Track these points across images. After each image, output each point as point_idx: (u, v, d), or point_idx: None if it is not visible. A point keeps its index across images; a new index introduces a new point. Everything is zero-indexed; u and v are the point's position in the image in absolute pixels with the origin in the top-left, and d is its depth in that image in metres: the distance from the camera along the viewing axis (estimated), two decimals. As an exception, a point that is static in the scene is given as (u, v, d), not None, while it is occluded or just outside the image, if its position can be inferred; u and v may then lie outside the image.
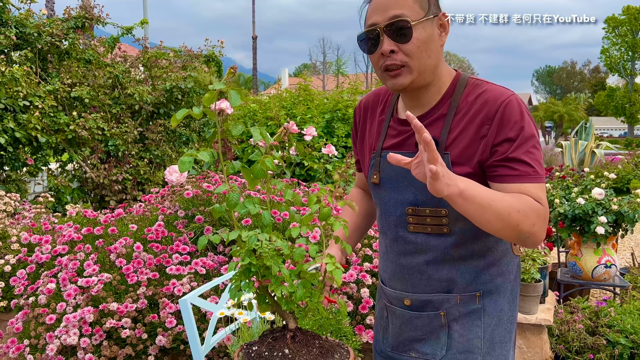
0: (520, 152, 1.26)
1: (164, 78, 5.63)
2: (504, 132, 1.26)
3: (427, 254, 1.39)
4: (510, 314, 1.45)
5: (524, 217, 1.20)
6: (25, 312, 2.73)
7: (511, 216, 1.18)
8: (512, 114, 1.27)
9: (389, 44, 1.28)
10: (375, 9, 1.31)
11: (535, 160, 1.27)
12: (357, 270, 2.68)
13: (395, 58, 1.29)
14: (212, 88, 1.24)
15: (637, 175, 11.09)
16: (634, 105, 37.38)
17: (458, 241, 1.36)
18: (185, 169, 1.23)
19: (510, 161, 1.25)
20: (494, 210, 1.17)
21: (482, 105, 1.30)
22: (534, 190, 1.25)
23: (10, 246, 3.23)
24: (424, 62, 1.30)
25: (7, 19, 4.92)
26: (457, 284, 1.39)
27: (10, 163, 4.56)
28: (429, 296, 1.41)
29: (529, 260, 2.59)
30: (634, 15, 36.57)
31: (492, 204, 1.17)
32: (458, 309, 1.39)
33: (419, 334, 1.44)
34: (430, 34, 1.30)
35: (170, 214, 3.19)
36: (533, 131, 1.29)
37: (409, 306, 1.45)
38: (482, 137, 1.28)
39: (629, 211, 3.10)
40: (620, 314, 2.69)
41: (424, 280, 1.41)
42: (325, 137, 4.93)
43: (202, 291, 2.20)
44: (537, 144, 1.29)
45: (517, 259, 1.48)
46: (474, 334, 1.39)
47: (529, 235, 1.22)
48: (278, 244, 1.26)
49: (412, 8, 1.28)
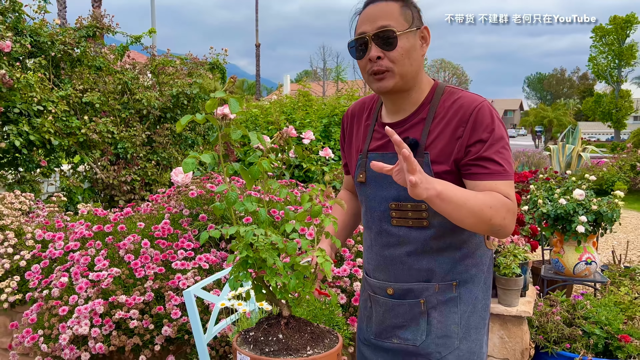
0: (491, 151, 1.39)
1: (170, 84, 5.78)
2: (477, 134, 1.39)
3: (408, 245, 1.51)
4: (484, 302, 1.57)
5: (495, 212, 1.32)
6: (40, 305, 2.84)
7: (484, 212, 1.31)
8: (484, 118, 1.41)
9: (376, 51, 1.43)
10: (365, 19, 1.46)
11: (505, 159, 1.40)
12: (350, 265, 2.82)
13: (381, 64, 1.44)
14: (214, 96, 1.40)
15: (621, 178, 11.26)
16: (620, 111, 38.03)
17: (436, 234, 1.48)
18: (189, 169, 1.37)
19: (483, 160, 1.39)
20: (468, 208, 1.29)
21: (457, 109, 1.44)
22: (504, 187, 1.38)
23: (25, 242, 3.33)
24: (407, 69, 1.45)
25: (22, 28, 5.09)
26: (435, 274, 1.51)
27: (25, 164, 4.70)
28: (410, 285, 1.53)
29: (511, 256, 2.74)
30: (620, 25, 37.35)
31: (466, 202, 1.29)
32: (436, 297, 1.51)
33: (400, 321, 1.55)
34: (412, 44, 1.45)
35: (175, 213, 3.31)
36: (503, 133, 1.42)
37: (392, 295, 1.57)
38: (458, 138, 1.41)
39: (608, 211, 3.26)
40: (595, 307, 2.84)
41: (406, 270, 1.53)
42: (322, 140, 5.08)
43: (205, 284, 2.31)
44: (506, 145, 1.43)
45: (490, 252, 1.60)
46: (451, 320, 1.51)
47: (500, 228, 1.35)
48: (273, 238, 1.37)
49: (397, 20, 1.43)
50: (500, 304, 2.80)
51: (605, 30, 38.41)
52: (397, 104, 1.54)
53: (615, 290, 3.30)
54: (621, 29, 37.85)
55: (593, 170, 11.59)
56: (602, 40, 38.79)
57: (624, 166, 11.81)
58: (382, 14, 1.43)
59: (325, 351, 1.36)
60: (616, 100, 38.73)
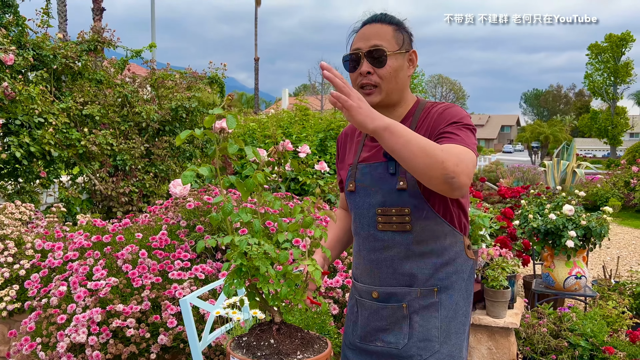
0: (455, 128, 1.49)
1: (169, 98, 5.87)
2: (445, 120, 1.52)
3: (392, 249, 1.61)
4: (465, 309, 1.65)
5: (448, 155, 1.33)
6: (38, 313, 2.89)
7: (436, 153, 1.31)
8: (453, 111, 1.55)
9: (367, 66, 1.58)
10: (361, 37, 1.61)
11: (467, 137, 1.47)
12: (342, 276, 2.89)
13: (370, 79, 1.59)
14: (212, 112, 1.48)
15: (615, 194, 11.39)
16: (615, 128, 38.50)
17: (418, 238, 1.58)
18: (187, 182, 1.45)
19: (447, 133, 1.48)
20: (419, 145, 1.31)
21: (432, 115, 1.58)
22: (459, 147, 1.42)
23: (25, 252, 3.38)
24: (393, 86, 1.60)
25: (25, 42, 5.19)
26: (417, 279, 1.59)
27: (25, 175, 4.76)
28: (393, 289, 1.62)
29: (499, 269, 2.81)
30: (615, 42, 38.03)
31: (417, 138, 1.32)
32: (418, 302, 1.59)
33: (384, 324, 1.64)
34: (400, 64, 1.60)
35: (173, 224, 3.37)
36: (470, 124, 1.53)
37: (377, 298, 1.66)
38: (429, 132, 1.53)
39: (597, 226, 3.33)
40: (581, 319, 2.90)
41: (390, 274, 1.62)
42: (318, 154, 5.16)
43: (201, 293, 2.37)
44: (470, 131, 1.51)
45: (470, 262, 1.67)
46: (432, 325, 1.59)
47: (454, 176, 1.31)
48: (266, 247, 1.45)
49: (389, 42, 1.58)
50: (488, 315, 2.86)
51: (601, 48, 38.94)
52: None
53: (604, 304, 3.36)
54: (616, 47, 38.38)
55: (587, 187, 11.72)
56: (597, 57, 39.31)
57: (617, 182, 11.94)
58: (376, 35, 1.58)
59: (315, 356, 1.42)
60: (612, 117, 39.12)
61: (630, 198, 11.75)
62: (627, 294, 3.88)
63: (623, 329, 3.12)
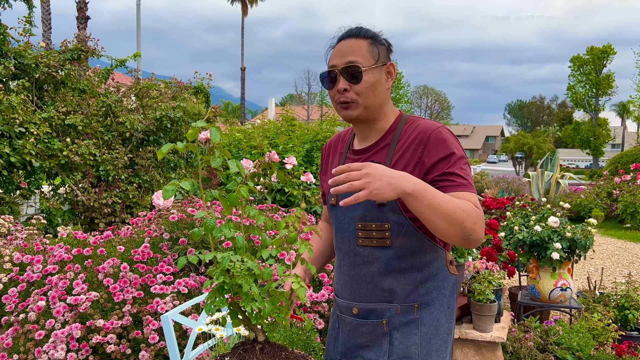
0: (455, 167, 1.49)
1: (154, 107, 5.82)
2: (438, 153, 1.50)
3: (372, 265, 1.59)
4: (447, 326, 1.63)
5: (467, 215, 1.39)
6: (15, 329, 2.79)
7: (457, 214, 1.37)
8: (443, 139, 1.52)
9: (344, 84, 1.56)
10: (336, 54, 1.59)
11: (467, 174, 1.52)
12: (328, 290, 2.85)
13: (347, 96, 1.56)
14: (195, 125, 1.45)
15: (598, 205, 11.54)
16: (598, 139, 39.31)
17: (399, 254, 1.56)
18: (168, 196, 1.41)
19: (448, 175, 1.48)
20: (441, 210, 1.35)
21: (417, 134, 1.55)
22: (470, 197, 1.47)
23: (3, 265, 3.30)
24: (371, 101, 1.58)
25: (6, 50, 5.12)
26: (397, 295, 1.57)
27: (5, 186, 4.67)
28: (373, 305, 1.60)
29: (485, 282, 2.80)
30: (597, 55, 38.98)
31: (441, 203, 1.36)
32: (398, 318, 1.57)
33: (364, 341, 1.61)
34: (377, 78, 1.57)
35: (156, 237, 3.32)
36: (462, 153, 1.54)
37: (357, 315, 1.63)
38: (418, 159, 1.52)
39: (582, 238, 3.34)
40: (568, 333, 2.90)
41: (370, 289, 1.60)
42: (305, 165, 5.14)
43: (183, 308, 2.33)
44: (467, 163, 1.55)
45: (453, 277, 1.65)
46: (412, 342, 1.56)
47: (472, 233, 1.40)
48: (249, 264, 1.43)
49: (364, 57, 1.55)
50: (474, 329, 2.84)
51: (583, 61, 39.70)
52: (364, 131, 1.66)
53: (589, 317, 3.37)
54: (598, 59, 39.17)
55: (571, 197, 11.85)
56: (580, 69, 40.07)
57: (600, 193, 12.10)
58: (351, 50, 1.56)
59: (299, 376, 1.39)
60: (594, 128, 39.82)
61: (613, 209, 11.90)
62: (612, 305, 3.89)
63: (609, 342, 3.12)
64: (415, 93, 76.88)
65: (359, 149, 1.67)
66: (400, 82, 48.69)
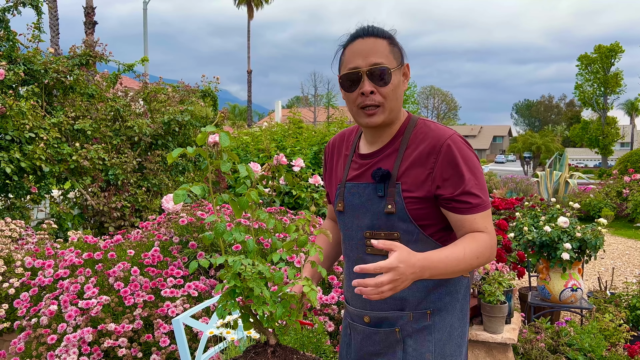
0: (471, 185, 1.45)
1: (162, 111, 5.85)
2: (451, 167, 1.45)
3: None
4: (460, 330, 1.60)
5: (483, 259, 1.46)
6: (28, 333, 2.81)
7: (472, 265, 1.45)
8: (456, 152, 1.47)
9: (370, 86, 1.47)
10: (357, 54, 1.49)
11: (482, 188, 1.48)
12: (338, 292, 2.85)
13: (374, 98, 1.48)
14: (204, 130, 1.45)
15: (608, 204, 11.45)
16: (606, 138, 39.01)
17: None
18: (179, 200, 1.41)
19: (462, 195, 1.45)
20: (459, 269, 1.43)
21: (429, 141, 1.49)
22: (481, 221, 1.46)
23: (15, 270, 3.33)
24: (394, 104, 1.51)
25: (16, 57, 5.16)
26: (408, 303, 1.54)
27: (15, 191, 4.71)
28: (385, 313, 1.57)
29: (495, 283, 2.79)
30: (604, 53, 38.66)
31: (456, 267, 1.41)
32: (411, 326, 1.54)
33: (377, 349, 1.59)
34: (399, 80, 1.52)
35: (165, 240, 3.33)
36: (475, 162, 1.50)
37: (368, 323, 1.60)
38: (430, 170, 1.47)
39: (592, 238, 3.32)
40: (579, 334, 2.88)
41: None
42: (312, 167, 5.15)
43: (194, 312, 2.33)
44: (480, 174, 1.50)
45: (465, 280, 1.62)
46: (425, 349, 1.53)
47: (485, 264, 1.52)
48: (260, 268, 1.42)
49: (388, 58, 1.48)
50: (485, 331, 2.83)
51: (591, 59, 39.46)
52: (376, 135, 1.60)
53: (600, 317, 3.34)
54: (606, 58, 38.92)
55: (580, 197, 11.77)
56: (587, 68, 39.85)
57: (610, 192, 12.01)
58: (374, 51, 1.48)
59: (311, 379, 1.39)
60: (603, 127, 39.56)
61: (622, 208, 11.81)
62: (623, 306, 3.86)
63: (621, 343, 3.10)
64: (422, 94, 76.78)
65: (366, 154, 1.62)
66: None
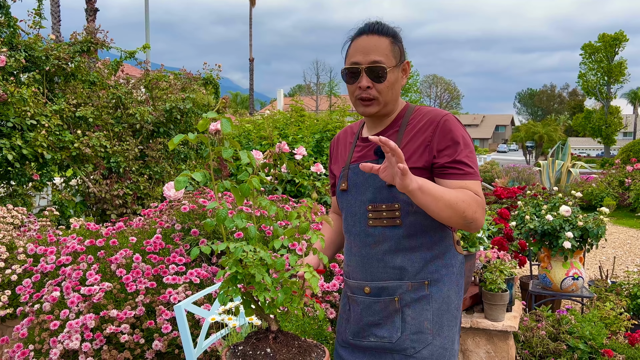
0: (463, 155, 1.58)
1: (164, 99, 5.83)
2: (447, 138, 1.59)
3: (383, 244, 1.66)
4: (456, 302, 1.71)
5: (468, 205, 1.50)
6: (30, 319, 2.84)
7: (458, 205, 1.48)
8: (452, 126, 1.61)
9: (367, 81, 1.64)
10: (359, 50, 1.64)
11: (474, 162, 1.61)
12: (340, 280, 2.86)
13: (370, 93, 1.65)
14: (206, 117, 1.45)
15: (610, 194, 11.46)
16: (609, 127, 38.86)
17: (408, 232, 1.63)
18: (180, 187, 1.42)
19: (457, 163, 1.58)
20: (445, 201, 1.46)
21: (427, 119, 1.65)
22: (473, 186, 1.57)
23: (17, 257, 3.34)
24: (390, 98, 1.67)
25: (17, 43, 5.14)
26: (407, 272, 1.64)
27: (17, 178, 4.71)
28: (384, 283, 1.66)
29: (497, 271, 2.79)
30: (608, 42, 38.32)
31: (443, 196, 1.46)
32: (410, 295, 1.64)
33: (377, 319, 1.68)
34: (396, 77, 1.67)
35: (167, 227, 3.34)
36: (469, 141, 1.63)
37: (369, 293, 1.70)
38: (428, 141, 1.61)
39: (594, 227, 3.32)
40: (580, 322, 2.88)
41: (381, 268, 1.67)
42: (315, 155, 5.14)
43: (196, 298, 2.35)
44: (473, 151, 1.64)
45: (460, 256, 1.73)
46: (424, 317, 1.64)
47: (472, 220, 1.53)
48: (262, 254, 1.44)
49: (387, 57, 1.63)
50: (486, 318, 2.84)
51: (595, 48, 39.23)
52: (377, 122, 1.76)
53: (601, 306, 3.35)
54: (610, 47, 38.68)
55: (583, 186, 11.76)
56: (591, 57, 39.63)
57: (612, 182, 12.00)
58: (375, 49, 1.62)
59: (312, 365, 1.40)
60: (606, 117, 39.41)
61: (624, 197, 11.79)
62: (624, 294, 3.87)
63: (621, 331, 3.11)
64: (424, 82, 76.55)
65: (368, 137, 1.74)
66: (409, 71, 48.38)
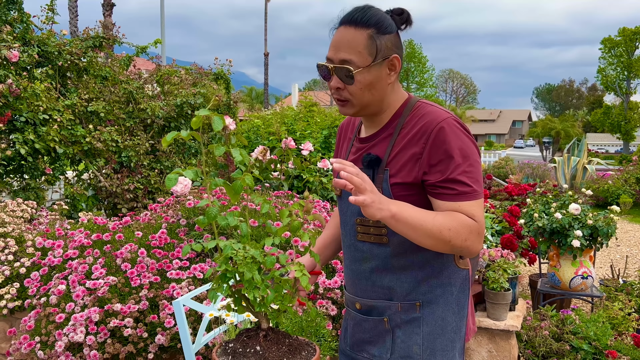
0: (457, 172, 1.36)
1: (175, 94, 5.87)
2: (440, 152, 1.37)
3: (371, 261, 1.52)
4: (455, 324, 1.52)
5: (455, 234, 1.32)
6: (37, 312, 2.90)
7: (442, 234, 1.31)
8: (448, 136, 1.38)
9: (336, 82, 1.44)
10: (333, 44, 1.44)
11: (472, 178, 1.38)
12: (341, 277, 2.85)
13: (340, 94, 1.45)
14: (198, 114, 1.44)
15: (627, 191, 11.22)
16: (629, 123, 38.06)
17: (396, 251, 1.48)
18: (171, 185, 1.42)
19: (449, 182, 1.37)
20: (425, 230, 1.30)
21: (421, 126, 1.42)
22: (468, 208, 1.36)
23: (26, 250, 3.40)
24: (367, 99, 1.45)
25: (30, 39, 5.21)
26: (396, 293, 1.50)
27: (30, 172, 4.80)
28: (373, 302, 1.54)
29: (500, 270, 2.76)
30: (629, 36, 37.51)
31: (423, 224, 1.30)
32: (400, 316, 1.50)
33: (367, 336, 1.57)
34: (376, 75, 1.42)
35: (173, 222, 3.37)
36: (468, 151, 1.39)
37: (359, 310, 1.59)
38: (419, 155, 1.40)
39: (604, 226, 3.25)
40: (585, 322, 2.84)
41: (369, 286, 1.54)
42: (322, 151, 5.12)
43: (196, 294, 2.36)
44: (473, 162, 1.39)
45: (463, 272, 1.54)
46: (413, 341, 1.49)
47: (463, 249, 1.35)
48: (252, 252, 1.43)
49: (360, 54, 1.39)
50: (488, 317, 2.81)
51: (614, 42, 38.46)
52: (368, 120, 1.58)
53: (610, 305, 3.29)
54: (630, 41, 37.89)
55: (598, 183, 11.54)
56: (611, 52, 38.88)
57: (629, 179, 11.75)
58: (347, 45, 1.42)
59: (301, 363, 1.39)
60: (625, 112, 38.65)
61: (642, 195, 11.57)
62: (634, 294, 3.80)
63: (628, 332, 3.05)
64: (440, 77, 75.90)
65: (364, 137, 1.59)
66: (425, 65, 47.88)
